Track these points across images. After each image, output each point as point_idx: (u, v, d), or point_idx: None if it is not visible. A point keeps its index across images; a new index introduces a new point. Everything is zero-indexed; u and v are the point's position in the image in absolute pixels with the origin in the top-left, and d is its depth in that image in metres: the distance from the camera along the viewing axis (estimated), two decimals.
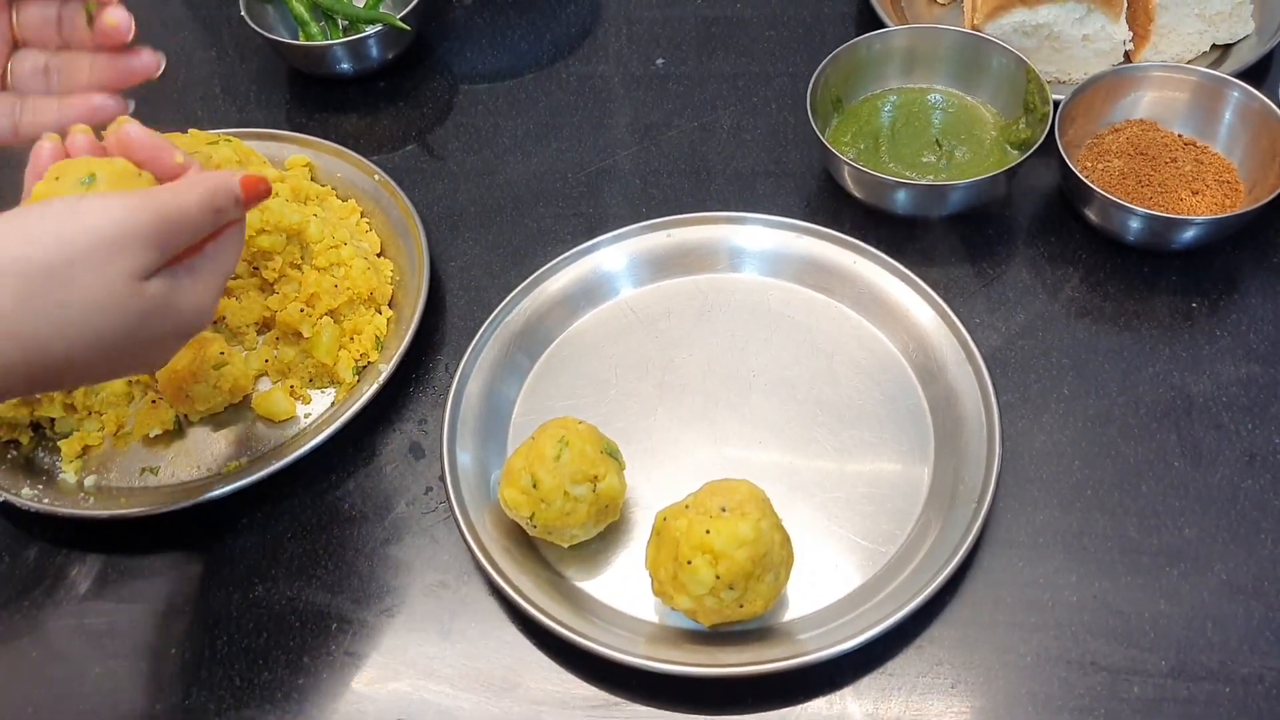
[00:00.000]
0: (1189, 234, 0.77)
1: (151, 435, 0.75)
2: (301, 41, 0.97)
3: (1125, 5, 0.88)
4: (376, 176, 0.84)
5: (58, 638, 0.68)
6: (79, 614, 0.69)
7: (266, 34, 0.95)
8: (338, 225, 0.81)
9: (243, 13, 0.95)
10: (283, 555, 0.70)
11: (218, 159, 0.78)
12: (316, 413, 0.76)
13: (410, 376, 0.78)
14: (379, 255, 0.83)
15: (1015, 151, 0.83)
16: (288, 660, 0.66)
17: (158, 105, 0.99)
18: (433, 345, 0.80)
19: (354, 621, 0.67)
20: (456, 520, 0.67)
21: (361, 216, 0.84)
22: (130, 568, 0.70)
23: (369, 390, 0.73)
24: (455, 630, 0.66)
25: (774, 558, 0.60)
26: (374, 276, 0.79)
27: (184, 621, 0.68)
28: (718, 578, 0.59)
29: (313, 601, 0.68)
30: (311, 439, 0.71)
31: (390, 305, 0.80)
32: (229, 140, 0.81)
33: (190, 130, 0.83)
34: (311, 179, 0.86)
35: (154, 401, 0.76)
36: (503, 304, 0.77)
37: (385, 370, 0.74)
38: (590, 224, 0.86)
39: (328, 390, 0.77)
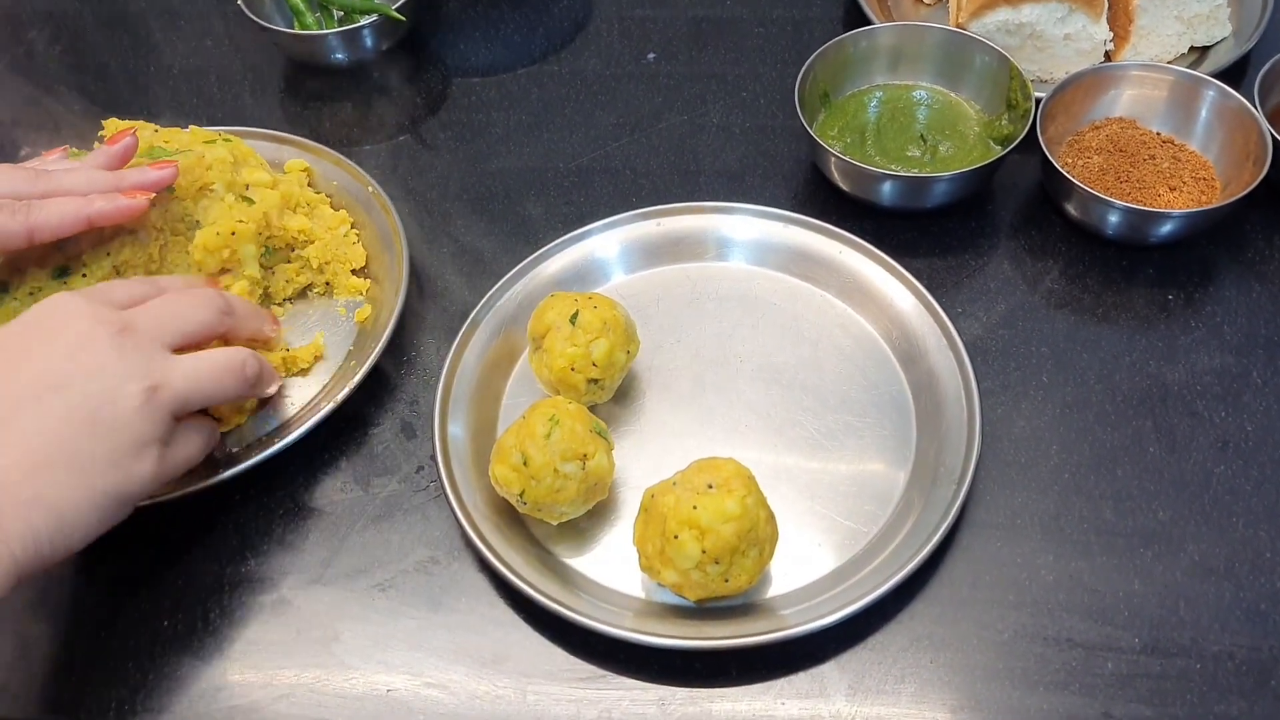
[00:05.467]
0: (1166, 228, 0.79)
1: None
2: (297, 31, 0.99)
3: (1106, 6, 0.90)
4: (370, 188, 0.85)
5: (46, 607, 0.69)
6: (68, 582, 0.69)
7: (263, 23, 0.96)
8: (327, 239, 0.83)
9: (239, 2, 0.96)
10: (275, 531, 0.71)
11: (210, 158, 0.78)
12: (309, 394, 0.77)
13: (402, 359, 0.79)
14: (363, 268, 0.83)
15: (998, 147, 0.85)
16: (279, 633, 0.67)
17: (153, 93, 1.00)
18: (424, 328, 0.81)
19: (345, 596, 0.68)
20: (447, 497, 0.68)
21: (352, 227, 0.85)
22: (121, 541, 0.71)
23: (360, 372, 0.74)
24: (445, 605, 0.67)
25: (759, 534, 0.62)
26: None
27: (175, 594, 0.69)
28: (704, 552, 0.60)
29: (305, 576, 0.69)
30: (304, 421, 0.72)
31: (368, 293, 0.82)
32: (227, 139, 0.82)
33: (191, 127, 0.84)
34: (309, 184, 0.87)
35: None
36: (495, 287, 0.78)
37: (375, 350, 0.75)
38: (581, 214, 0.87)
39: (318, 374, 0.78)
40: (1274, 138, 0.78)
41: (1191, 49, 0.94)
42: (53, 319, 0.61)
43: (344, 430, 0.75)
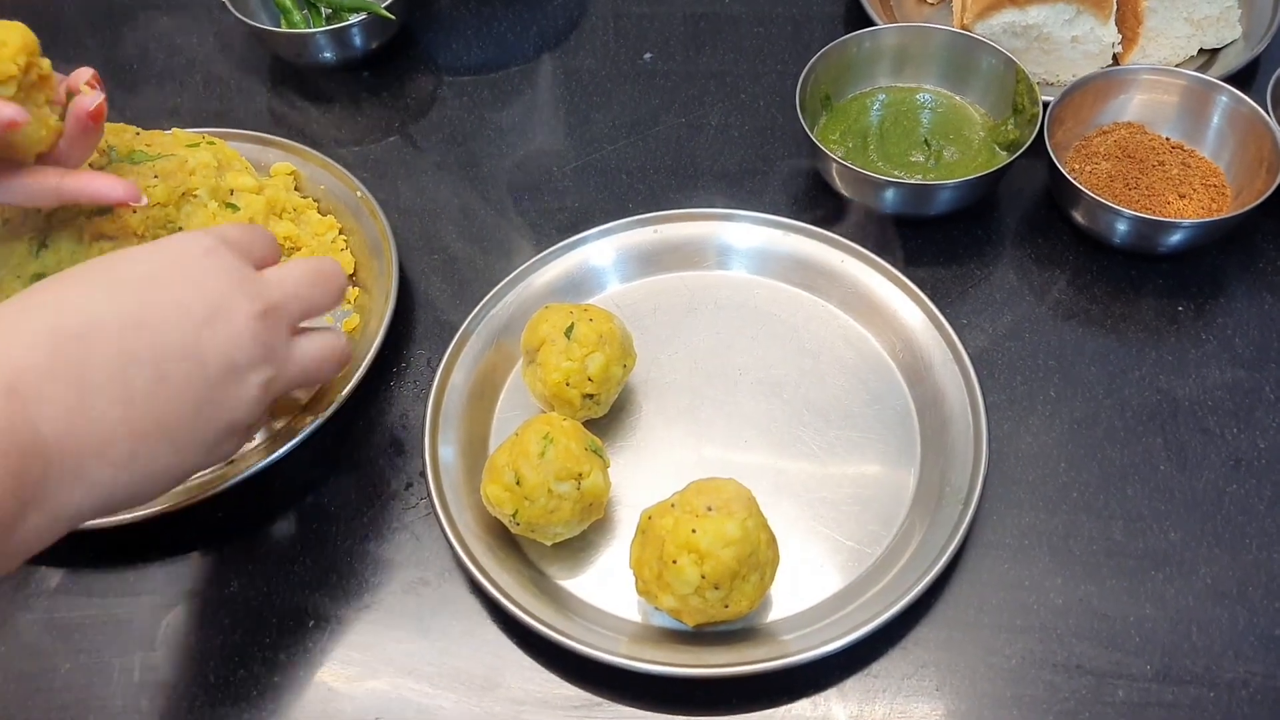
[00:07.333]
0: (1176, 237, 0.77)
1: None
2: (284, 29, 0.96)
3: (1114, 7, 0.88)
4: (359, 193, 0.82)
5: (28, 632, 0.66)
6: (49, 609, 0.67)
7: (248, 21, 0.93)
8: (314, 246, 0.80)
9: None
10: (259, 551, 0.69)
11: (193, 162, 0.76)
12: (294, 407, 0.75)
13: (391, 371, 0.77)
14: (351, 276, 0.81)
15: (1004, 152, 0.83)
16: (263, 658, 0.65)
17: (136, 93, 0.98)
18: (414, 339, 0.79)
19: (331, 619, 0.66)
20: (437, 516, 0.66)
21: (340, 234, 0.82)
22: (102, 562, 0.69)
23: (348, 385, 0.72)
24: (435, 628, 0.65)
25: (760, 558, 0.60)
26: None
27: (158, 618, 0.66)
28: (703, 577, 0.58)
29: (290, 598, 0.67)
30: (289, 437, 0.70)
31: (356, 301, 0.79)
32: (211, 142, 0.80)
33: (173, 129, 0.81)
34: (296, 188, 0.85)
35: None
36: (487, 297, 0.76)
37: (364, 362, 0.73)
38: (575, 219, 0.85)
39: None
40: None
41: (1200, 51, 0.92)
42: (195, 272, 0.55)
43: (330, 445, 0.73)
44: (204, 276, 0.55)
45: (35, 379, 0.48)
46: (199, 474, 0.71)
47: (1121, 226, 0.78)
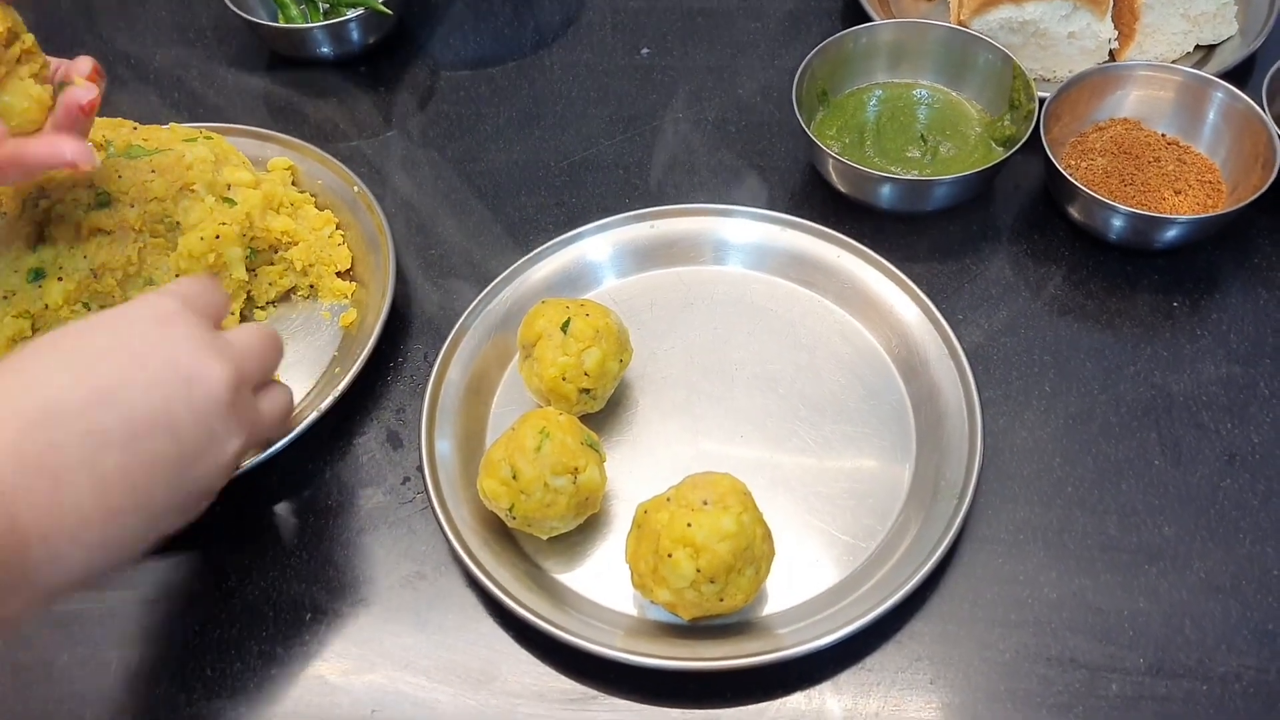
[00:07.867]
0: (1171, 233, 0.77)
1: None
2: (281, 24, 0.96)
3: (1111, 3, 0.88)
4: (356, 188, 0.82)
5: (25, 625, 0.66)
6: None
7: (245, 15, 0.94)
8: (311, 241, 0.80)
9: None
10: (257, 545, 0.69)
11: (191, 157, 0.76)
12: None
13: (388, 365, 0.77)
14: (348, 271, 0.81)
15: (1000, 148, 0.83)
16: (260, 651, 0.65)
17: (133, 88, 0.98)
18: (410, 334, 0.79)
19: (328, 612, 0.66)
20: (434, 511, 0.66)
21: (337, 228, 0.82)
22: None
23: (345, 379, 0.72)
24: (432, 622, 0.66)
25: (755, 551, 0.60)
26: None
27: (155, 611, 0.67)
28: (698, 571, 0.59)
29: (287, 592, 0.67)
30: (288, 431, 0.70)
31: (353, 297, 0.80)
32: (208, 137, 0.80)
33: (170, 124, 0.82)
34: (293, 182, 0.85)
35: None
36: (484, 292, 0.76)
37: (361, 356, 0.73)
38: (572, 214, 0.85)
39: (302, 380, 0.76)
40: None
41: (1197, 48, 0.92)
42: (160, 340, 0.53)
43: (327, 439, 0.73)
44: (170, 344, 0.53)
45: (7, 471, 0.47)
46: None
47: (1117, 222, 0.78)
